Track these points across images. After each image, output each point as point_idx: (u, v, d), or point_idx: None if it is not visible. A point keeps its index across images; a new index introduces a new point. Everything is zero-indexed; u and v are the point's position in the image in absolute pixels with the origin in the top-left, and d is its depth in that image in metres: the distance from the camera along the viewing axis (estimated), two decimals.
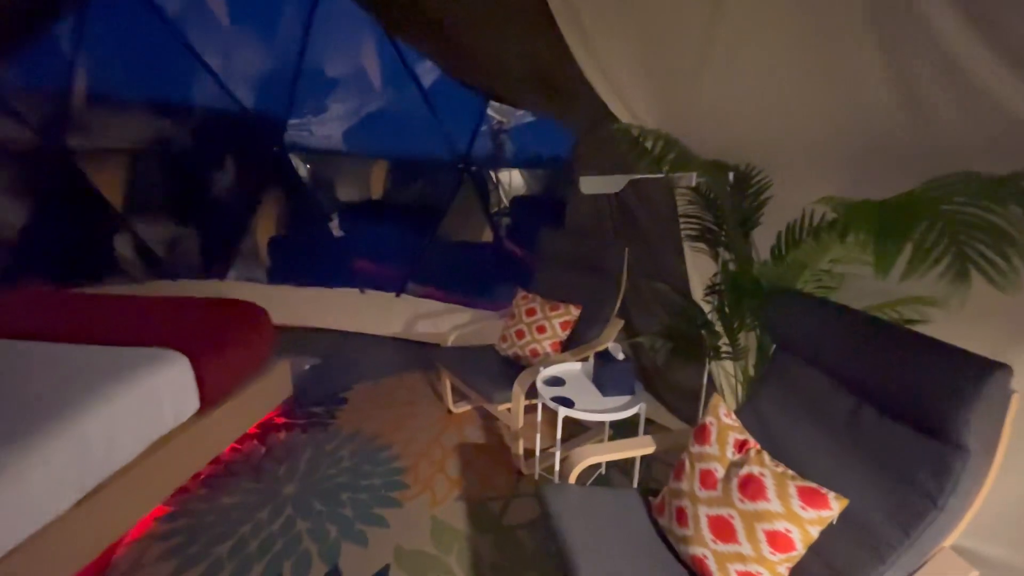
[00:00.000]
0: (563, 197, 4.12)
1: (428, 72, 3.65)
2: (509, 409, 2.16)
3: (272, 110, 3.79)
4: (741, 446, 1.30)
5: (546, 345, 2.39)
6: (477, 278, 3.93)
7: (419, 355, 3.53)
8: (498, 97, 3.00)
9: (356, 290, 3.88)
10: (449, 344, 2.66)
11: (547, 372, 2.07)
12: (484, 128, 3.55)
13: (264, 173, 3.97)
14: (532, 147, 3.83)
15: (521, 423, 2.13)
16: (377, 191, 4.30)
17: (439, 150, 3.64)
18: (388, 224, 4.19)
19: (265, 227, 4.19)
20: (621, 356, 1.88)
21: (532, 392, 2.11)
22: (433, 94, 3.63)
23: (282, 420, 2.69)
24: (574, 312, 2.41)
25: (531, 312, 2.50)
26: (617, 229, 2.50)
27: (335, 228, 4.11)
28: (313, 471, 2.27)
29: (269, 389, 2.64)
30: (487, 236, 3.96)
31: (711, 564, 1.19)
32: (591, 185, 1.66)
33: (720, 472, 1.28)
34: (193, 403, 2.09)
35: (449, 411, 2.75)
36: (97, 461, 1.68)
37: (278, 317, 3.77)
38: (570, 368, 2.13)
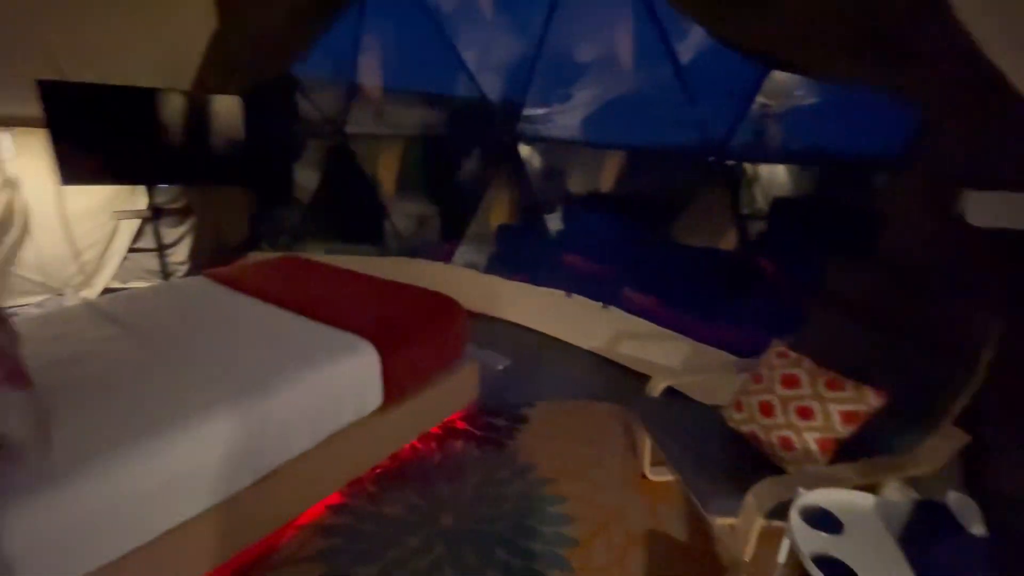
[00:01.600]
0: (854, 206, 2.98)
1: (687, 49, 3.05)
2: (732, 525, 1.46)
3: (514, 99, 3.70)
4: None
5: (809, 440, 1.56)
6: (707, 298, 3.14)
7: (615, 381, 3.00)
8: (789, 65, 2.15)
9: (561, 292, 3.53)
10: (657, 393, 2.04)
11: (811, 498, 1.29)
12: (750, 111, 2.77)
13: (499, 162, 3.93)
14: (809, 137, 2.88)
15: (750, 554, 1.41)
16: (607, 185, 3.86)
17: (688, 138, 2.97)
18: (612, 223, 3.70)
19: (497, 215, 4.20)
20: (978, 530, 0.99)
21: (774, 509, 1.37)
22: (689, 74, 3.00)
23: (463, 425, 2.51)
24: (872, 401, 1.51)
25: (791, 381, 1.68)
26: (983, 278, 1.46)
27: (553, 221, 3.83)
28: (476, 503, 1.99)
29: (455, 391, 2.48)
30: (731, 247, 3.12)
31: None
32: (996, 211, 0.80)
33: None
34: (376, 399, 2.01)
35: (643, 475, 2.15)
36: (271, 449, 1.67)
37: (482, 306, 3.73)
38: (852, 501, 1.29)
